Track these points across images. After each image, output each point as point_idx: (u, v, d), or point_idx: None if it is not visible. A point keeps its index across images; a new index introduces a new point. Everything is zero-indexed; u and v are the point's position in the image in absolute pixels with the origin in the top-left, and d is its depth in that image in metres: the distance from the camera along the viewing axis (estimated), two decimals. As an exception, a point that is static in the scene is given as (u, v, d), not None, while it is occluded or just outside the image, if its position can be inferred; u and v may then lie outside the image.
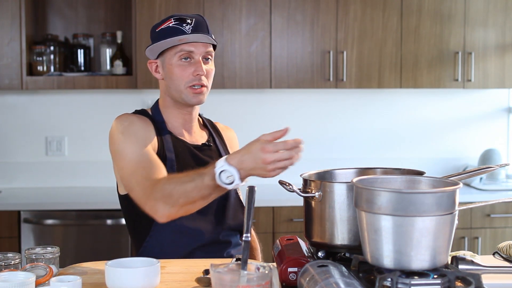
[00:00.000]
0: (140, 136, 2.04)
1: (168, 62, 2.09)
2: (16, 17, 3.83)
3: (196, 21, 2.08)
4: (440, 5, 4.03)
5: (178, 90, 2.09)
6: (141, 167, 1.96)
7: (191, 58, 2.07)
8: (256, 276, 1.45)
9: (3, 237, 3.63)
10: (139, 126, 2.07)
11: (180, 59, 2.07)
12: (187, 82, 2.07)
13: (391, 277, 1.42)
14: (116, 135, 2.06)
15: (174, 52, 2.07)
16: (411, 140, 4.42)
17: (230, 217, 2.15)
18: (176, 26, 2.06)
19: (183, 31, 2.05)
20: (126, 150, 2.00)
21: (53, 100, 4.23)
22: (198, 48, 2.07)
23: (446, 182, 1.59)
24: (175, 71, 2.08)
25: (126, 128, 2.05)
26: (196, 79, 2.07)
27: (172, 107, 2.15)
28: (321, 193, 1.72)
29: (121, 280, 1.61)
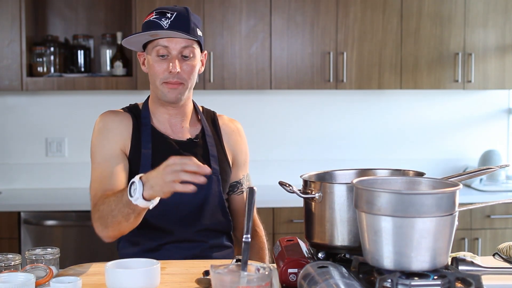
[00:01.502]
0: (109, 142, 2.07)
1: (149, 57, 2.07)
2: (16, 18, 3.83)
3: (177, 15, 2.02)
4: (440, 6, 4.03)
5: (155, 86, 2.08)
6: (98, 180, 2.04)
7: (168, 54, 2.04)
8: (256, 277, 1.45)
9: (3, 238, 3.63)
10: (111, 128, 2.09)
11: (157, 54, 2.04)
12: (162, 79, 2.05)
13: (391, 278, 1.42)
14: (92, 136, 2.14)
15: (152, 46, 2.05)
16: (411, 141, 4.42)
17: (206, 217, 2.10)
18: (155, 20, 2.02)
19: (160, 25, 2.01)
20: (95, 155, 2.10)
21: (53, 101, 4.23)
22: (175, 44, 2.03)
23: (446, 183, 1.59)
24: (153, 66, 2.06)
25: (99, 130, 2.11)
26: (170, 76, 2.04)
27: (157, 102, 2.13)
28: (321, 194, 1.72)
29: (121, 281, 1.61)
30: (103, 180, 2.02)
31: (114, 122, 2.11)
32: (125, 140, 2.09)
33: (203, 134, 2.17)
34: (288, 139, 4.32)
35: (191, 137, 2.15)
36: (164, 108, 2.13)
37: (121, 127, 2.10)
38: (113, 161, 2.06)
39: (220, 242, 2.16)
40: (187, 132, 2.17)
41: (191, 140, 2.14)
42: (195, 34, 2.06)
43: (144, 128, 2.11)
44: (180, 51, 2.04)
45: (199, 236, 2.12)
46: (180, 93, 2.07)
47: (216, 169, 2.13)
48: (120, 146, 2.08)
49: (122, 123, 2.11)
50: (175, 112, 2.14)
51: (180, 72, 2.04)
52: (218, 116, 2.28)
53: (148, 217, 2.02)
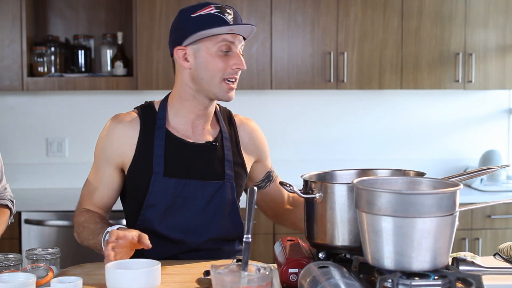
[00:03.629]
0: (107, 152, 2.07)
1: (206, 51, 1.97)
2: (16, 18, 3.83)
3: (234, 12, 1.99)
4: (441, 6, 4.03)
5: (211, 82, 1.99)
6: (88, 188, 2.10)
7: (230, 50, 1.98)
8: (257, 277, 1.45)
9: (4, 238, 3.59)
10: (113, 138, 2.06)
11: (220, 49, 1.97)
12: (224, 75, 1.98)
13: (392, 278, 1.42)
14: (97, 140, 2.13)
15: (215, 41, 1.96)
16: (411, 141, 4.42)
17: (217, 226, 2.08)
18: (218, 14, 1.95)
19: (226, 21, 1.95)
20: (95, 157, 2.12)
21: (54, 101, 4.23)
22: (238, 40, 1.99)
23: (446, 183, 1.59)
24: (214, 61, 1.97)
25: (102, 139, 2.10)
26: (234, 72, 1.99)
27: (190, 100, 2.05)
28: (321, 194, 1.72)
29: (121, 282, 1.61)
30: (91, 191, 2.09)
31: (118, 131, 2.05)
32: (127, 152, 2.05)
33: (221, 137, 2.12)
34: (289, 139, 4.32)
35: (211, 139, 2.10)
36: (195, 108, 2.05)
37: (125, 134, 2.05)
38: (104, 176, 2.08)
39: (232, 248, 2.13)
40: (207, 134, 2.11)
41: (209, 143, 2.08)
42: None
43: (158, 133, 2.05)
44: (239, 49, 2.01)
45: (209, 244, 2.09)
46: (234, 91, 2.03)
47: (230, 175, 2.08)
48: (116, 161, 2.06)
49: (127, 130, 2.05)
50: (203, 112, 2.07)
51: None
52: (234, 115, 2.22)
53: (158, 229, 2.03)
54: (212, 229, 2.07)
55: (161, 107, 2.09)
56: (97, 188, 2.08)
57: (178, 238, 2.05)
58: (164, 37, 3.88)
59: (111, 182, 2.08)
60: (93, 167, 2.12)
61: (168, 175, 2.02)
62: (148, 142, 2.04)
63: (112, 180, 2.08)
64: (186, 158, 2.05)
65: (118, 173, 2.08)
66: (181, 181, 2.02)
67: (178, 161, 2.04)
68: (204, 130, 2.10)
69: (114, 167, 2.07)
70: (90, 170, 2.13)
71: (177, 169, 2.03)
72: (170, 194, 2.02)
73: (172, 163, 2.03)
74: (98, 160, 2.10)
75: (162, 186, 2.01)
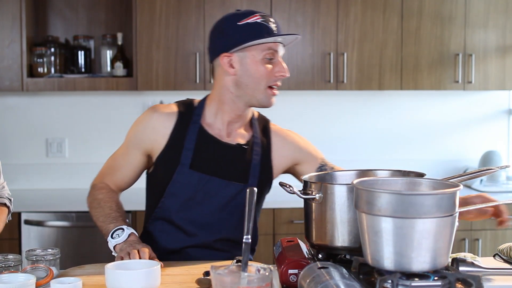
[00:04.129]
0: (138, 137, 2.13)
1: (252, 59, 2.03)
2: (16, 19, 3.83)
3: (277, 22, 2.07)
4: (441, 7, 4.03)
5: (256, 88, 2.06)
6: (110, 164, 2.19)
7: (274, 58, 2.05)
8: (257, 277, 1.45)
9: (4, 238, 3.63)
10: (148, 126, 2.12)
11: (265, 57, 2.03)
12: (269, 82, 2.05)
13: (392, 278, 1.42)
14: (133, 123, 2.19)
15: (261, 49, 2.02)
16: (411, 141, 4.42)
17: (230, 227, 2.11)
18: (263, 23, 2.03)
19: (271, 29, 2.03)
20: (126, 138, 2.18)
21: (54, 102, 4.23)
22: (281, 48, 2.07)
23: (446, 184, 1.59)
24: (260, 69, 2.03)
25: (138, 123, 2.16)
26: (277, 79, 2.06)
27: (229, 104, 2.10)
28: (321, 195, 1.72)
29: (121, 282, 1.61)
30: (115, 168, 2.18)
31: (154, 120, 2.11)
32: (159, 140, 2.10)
33: (252, 142, 2.16)
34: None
35: (242, 142, 2.14)
36: (232, 111, 2.11)
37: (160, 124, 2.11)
38: (131, 158, 2.15)
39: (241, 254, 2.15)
40: (240, 137, 2.15)
41: (240, 145, 2.13)
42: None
43: (192, 127, 2.11)
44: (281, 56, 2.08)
45: (220, 245, 2.12)
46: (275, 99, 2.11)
47: (254, 179, 2.12)
48: (146, 147, 2.12)
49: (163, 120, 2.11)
50: (238, 116, 2.13)
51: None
52: (271, 124, 2.26)
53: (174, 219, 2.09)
54: (226, 228, 2.11)
55: (200, 104, 2.16)
56: (122, 167, 2.16)
57: (191, 231, 2.09)
58: (164, 38, 3.89)
59: (135, 165, 2.15)
60: (122, 146, 2.18)
61: (194, 168, 2.07)
62: (181, 134, 2.10)
63: (137, 164, 2.15)
64: (214, 156, 2.10)
65: (144, 159, 2.15)
66: (205, 176, 2.07)
67: (206, 157, 2.09)
68: (237, 133, 2.15)
69: (142, 152, 2.13)
70: (119, 148, 2.20)
71: (203, 165, 2.08)
72: (192, 186, 2.07)
73: (200, 158, 2.08)
74: (129, 142, 2.16)
75: (186, 178, 2.07)
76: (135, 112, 4.25)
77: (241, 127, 2.16)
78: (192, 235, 2.10)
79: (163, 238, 2.11)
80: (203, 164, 2.08)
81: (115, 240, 1.92)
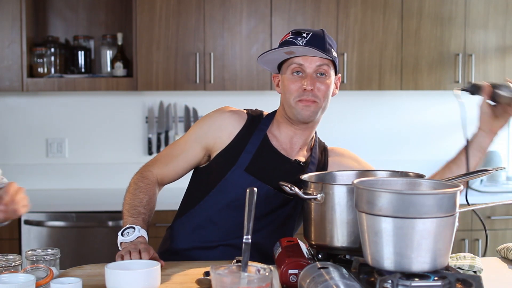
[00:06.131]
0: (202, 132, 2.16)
1: (285, 76, 2.09)
2: (16, 19, 3.83)
3: (313, 35, 2.05)
4: (441, 7, 4.03)
5: (289, 104, 2.09)
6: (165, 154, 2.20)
7: (303, 72, 2.05)
8: (257, 278, 1.45)
9: (4, 239, 3.63)
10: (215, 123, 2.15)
11: (292, 72, 2.06)
12: (296, 97, 2.06)
13: (392, 279, 1.42)
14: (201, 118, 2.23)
15: (287, 65, 2.07)
16: (411, 142, 4.42)
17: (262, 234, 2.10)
18: (291, 39, 2.05)
19: (295, 43, 2.03)
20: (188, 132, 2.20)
21: (54, 102, 4.23)
22: (310, 62, 2.04)
23: (446, 184, 1.60)
24: (288, 84, 2.07)
25: (205, 119, 2.18)
26: (304, 94, 2.05)
27: (285, 121, 2.15)
28: (323, 195, 1.72)
29: (121, 282, 1.61)
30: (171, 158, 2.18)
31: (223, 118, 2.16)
32: (223, 139, 2.13)
33: (310, 161, 2.18)
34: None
35: (301, 160, 2.16)
36: (291, 129, 2.15)
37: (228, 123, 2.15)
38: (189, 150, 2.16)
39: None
40: (300, 154, 2.18)
41: (298, 162, 2.15)
42: (331, 54, 2.06)
43: (257, 133, 2.15)
44: (315, 70, 2.05)
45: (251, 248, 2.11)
46: (313, 111, 2.08)
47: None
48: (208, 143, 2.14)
49: (232, 119, 2.16)
50: (301, 132, 2.16)
51: (314, 90, 2.05)
52: (329, 148, 2.29)
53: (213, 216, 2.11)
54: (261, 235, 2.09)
55: (269, 115, 2.22)
56: (177, 158, 2.17)
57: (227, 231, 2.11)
58: (164, 38, 3.89)
59: (191, 159, 2.16)
60: (183, 139, 2.19)
61: (248, 171, 2.10)
62: (245, 138, 2.14)
63: (192, 158, 2.16)
64: (271, 166, 2.12)
65: (201, 154, 2.17)
66: (256, 181, 2.08)
67: (263, 164, 2.11)
68: (299, 151, 2.18)
69: (202, 147, 2.15)
70: (179, 139, 2.21)
71: (258, 171, 2.10)
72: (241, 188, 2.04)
73: (257, 163, 2.11)
74: (192, 135, 2.17)
75: (238, 179, 2.09)
76: (135, 112, 4.26)
77: (303, 146, 2.19)
78: (227, 234, 2.11)
79: (197, 233, 2.13)
80: (258, 170, 2.10)
81: (123, 238, 1.94)
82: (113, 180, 4.12)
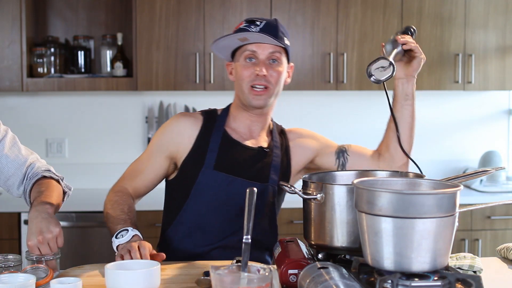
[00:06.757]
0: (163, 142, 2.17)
1: (238, 63, 2.13)
2: (16, 19, 3.83)
3: (267, 23, 2.09)
4: (441, 7, 4.03)
5: (242, 90, 2.12)
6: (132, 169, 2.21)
7: (256, 58, 2.09)
8: (257, 278, 1.45)
9: (4, 239, 3.63)
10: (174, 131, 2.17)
11: (245, 59, 2.10)
12: (248, 82, 2.09)
13: (392, 279, 1.42)
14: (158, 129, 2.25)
15: (240, 52, 2.11)
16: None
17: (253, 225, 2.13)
18: (245, 27, 2.08)
19: (248, 31, 2.07)
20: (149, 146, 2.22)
21: (54, 102, 4.23)
22: (263, 49, 2.08)
23: (446, 184, 1.60)
24: (239, 70, 2.11)
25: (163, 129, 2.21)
26: (256, 79, 2.09)
27: (241, 109, 2.19)
28: (323, 195, 1.72)
29: (121, 282, 1.61)
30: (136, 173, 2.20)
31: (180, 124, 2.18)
32: (185, 144, 2.15)
33: (273, 145, 2.22)
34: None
35: (264, 146, 2.20)
36: (247, 114, 2.18)
37: (187, 128, 2.17)
38: (154, 162, 2.18)
39: (262, 257, 2.19)
40: (261, 140, 2.22)
41: (261, 148, 2.19)
42: (283, 42, 2.10)
43: (216, 131, 2.17)
44: (268, 57, 2.09)
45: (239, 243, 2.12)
46: (265, 98, 2.12)
47: (274, 179, 2.17)
48: (171, 151, 2.16)
49: (190, 124, 2.18)
50: (257, 119, 2.19)
51: (267, 75, 2.09)
52: (286, 130, 2.32)
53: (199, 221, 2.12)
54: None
55: (223, 112, 2.23)
56: (143, 172, 2.18)
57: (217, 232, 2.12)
58: (164, 38, 3.89)
59: (157, 170, 2.18)
60: (146, 152, 2.22)
61: (218, 169, 2.12)
62: (206, 138, 2.16)
63: (159, 168, 2.18)
64: (237, 158, 2.15)
65: (167, 164, 2.18)
66: (228, 177, 2.11)
67: (229, 159, 2.14)
68: (259, 137, 2.21)
69: (166, 156, 2.17)
70: (142, 154, 2.23)
71: (227, 166, 2.13)
72: (216, 187, 2.11)
73: (224, 159, 2.13)
74: (154, 146, 2.19)
75: (210, 179, 2.11)
76: (135, 112, 4.26)
77: (262, 131, 2.22)
78: (217, 236, 2.13)
79: (187, 242, 2.14)
80: (226, 166, 2.13)
81: (118, 240, 1.95)
82: (113, 180, 4.08)
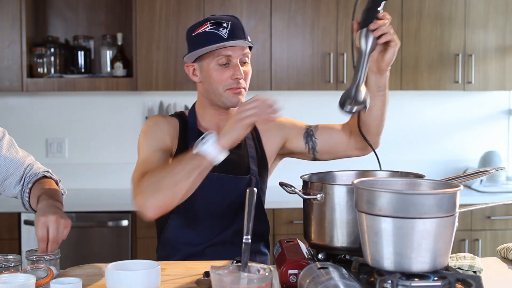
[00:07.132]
0: (157, 138, 2.12)
1: (207, 66, 2.11)
2: (16, 19, 3.83)
3: (232, 24, 2.09)
4: (441, 7, 4.03)
5: (217, 93, 2.11)
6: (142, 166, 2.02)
7: (229, 62, 2.09)
8: (257, 278, 1.45)
9: (4, 239, 3.63)
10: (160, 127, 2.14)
11: (218, 64, 2.09)
12: (226, 86, 2.09)
13: (392, 279, 1.42)
14: (140, 135, 2.17)
15: (212, 57, 2.09)
16: (411, 142, 4.42)
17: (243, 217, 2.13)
18: (213, 30, 2.08)
19: (221, 36, 2.06)
20: (141, 150, 2.12)
21: (54, 102, 4.23)
22: (235, 52, 2.09)
23: (446, 184, 1.60)
24: (213, 75, 2.10)
25: (149, 128, 2.16)
26: (234, 83, 2.09)
27: (209, 108, 2.18)
28: (323, 195, 1.72)
29: (121, 283, 1.61)
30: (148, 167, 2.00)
31: (162, 122, 2.17)
32: (173, 139, 2.15)
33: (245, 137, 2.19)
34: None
35: None
36: (216, 114, 2.18)
37: (169, 127, 2.16)
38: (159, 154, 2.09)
39: (257, 247, 2.20)
40: None
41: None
42: (249, 40, 2.13)
43: (191, 131, 2.17)
44: (240, 59, 2.10)
45: (237, 239, 2.12)
46: (241, 98, 2.12)
47: (255, 170, 2.19)
48: (167, 143, 2.13)
49: (170, 124, 2.17)
50: (225, 117, 2.18)
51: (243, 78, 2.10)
52: None
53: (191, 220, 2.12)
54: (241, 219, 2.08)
55: (190, 113, 2.23)
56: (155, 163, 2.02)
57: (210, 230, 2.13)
58: (164, 38, 3.89)
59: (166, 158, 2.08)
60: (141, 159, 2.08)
61: None
62: (185, 139, 2.16)
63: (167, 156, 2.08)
64: None
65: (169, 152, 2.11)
66: (213, 175, 2.08)
67: None
68: None
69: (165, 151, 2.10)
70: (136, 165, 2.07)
71: None
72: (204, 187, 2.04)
73: None
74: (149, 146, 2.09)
75: None
76: (135, 112, 4.26)
77: None
78: (210, 234, 2.13)
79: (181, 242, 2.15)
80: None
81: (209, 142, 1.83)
82: (113, 180, 4.12)
